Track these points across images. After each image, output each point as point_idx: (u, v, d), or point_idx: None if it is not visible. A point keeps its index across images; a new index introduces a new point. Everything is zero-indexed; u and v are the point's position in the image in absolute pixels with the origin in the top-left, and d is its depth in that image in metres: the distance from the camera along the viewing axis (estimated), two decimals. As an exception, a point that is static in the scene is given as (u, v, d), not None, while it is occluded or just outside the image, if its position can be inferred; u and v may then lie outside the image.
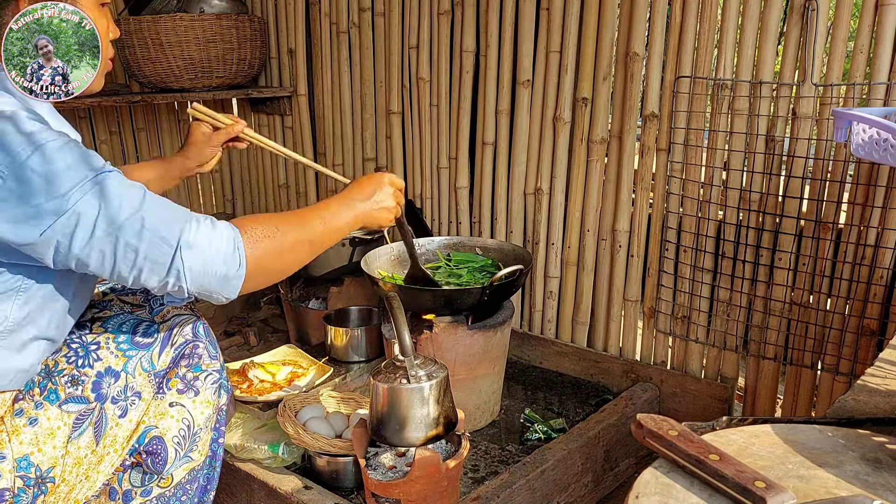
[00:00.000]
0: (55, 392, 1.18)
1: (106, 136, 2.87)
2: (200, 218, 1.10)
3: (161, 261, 1.05)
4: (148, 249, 1.04)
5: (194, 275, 1.07)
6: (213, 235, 1.08)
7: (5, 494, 1.13)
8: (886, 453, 0.83)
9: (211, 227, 1.09)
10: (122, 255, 1.03)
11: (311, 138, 2.98)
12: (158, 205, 1.07)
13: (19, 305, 1.12)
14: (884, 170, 1.65)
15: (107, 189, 1.02)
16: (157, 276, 1.06)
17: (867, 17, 1.64)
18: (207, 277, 1.08)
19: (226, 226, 1.11)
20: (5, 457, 1.13)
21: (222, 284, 1.10)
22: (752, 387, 1.99)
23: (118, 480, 1.27)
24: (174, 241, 1.05)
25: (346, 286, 2.38)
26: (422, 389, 1.40)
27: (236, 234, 1.10)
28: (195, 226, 1.08)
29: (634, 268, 2.13)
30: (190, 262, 1.06)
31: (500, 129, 2.33)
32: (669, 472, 0.80)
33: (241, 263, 1.10)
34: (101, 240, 1.02)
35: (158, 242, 1.04)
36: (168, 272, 1.06)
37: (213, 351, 1.34)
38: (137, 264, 1.04)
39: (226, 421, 1.38)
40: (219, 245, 1.08)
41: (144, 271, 1.05)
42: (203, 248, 1.07)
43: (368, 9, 2.60)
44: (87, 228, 1.01)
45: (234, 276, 1.10)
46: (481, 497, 1.50)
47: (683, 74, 1.90)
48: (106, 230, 1.02)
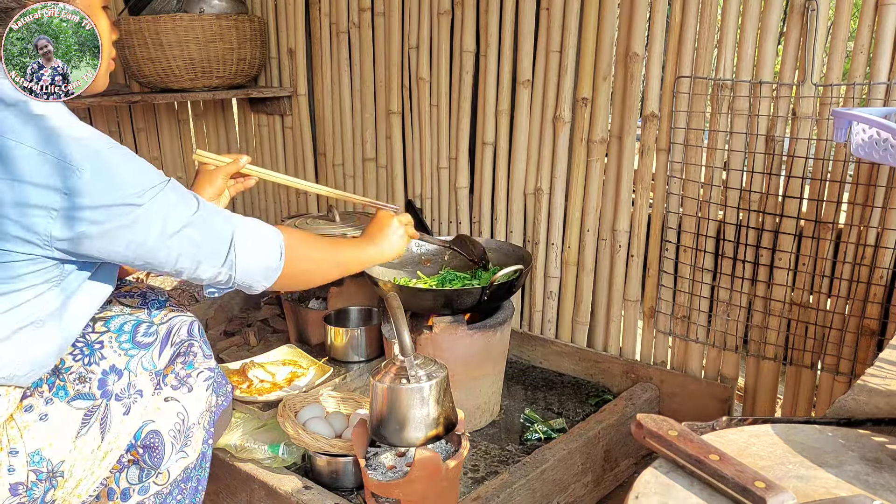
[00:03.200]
0: (64, 388, 1.21)
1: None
2: (247, 218, 1.27)
3: (219, 254, 1.19)
4: (209, 243, 1.18)
5: (244, 265, 1.22)
6: (260, 232, 1.26)
7: (19, 488, 1.15)
8: (886, 453, 0.83)
9: (259, 225, 1.27)
10: (186, 250, 1.15)
11: (311, 138, 2.98)
12: (212, 208, 1.22)
13: (53, 298, 1.15)
14: (884, 170, 1.65)
15: (174, 192, 1.15)
16: (214, 269, 1.20)
17: (867, 17, 1.64)
18: (254, 267, 1.24)
19: (269, 225, 1.29)
20: (18, 452, 1.16)
21: (265, 274, 1.26)
22: (752, 387, 1.99)
23: (115, 480, 1.29)
24: (229, 237, 1.20)
25: (346, 286, 2.38)
26: (422, 389, 1.40)
27: (278, 232, 1.29)
28: (245, 223, 1.24)
29: (634, 268, 2.13)
30: (242, 252, 1.21)
31: (500, 129, 2.33)
32: (669, 472, 0.80)
33: (282, 256, 1.27)
34: (170, 237, 1.13)
35: (217, 239, 1.19)
36: (223, 262, 1.20)
37: (207, 351, 1.40)
38: (198, 257, 1.17)
39: (214, 423, 1.41)
40: (265, 240, 1.26)
41: (203, 264, 1.18)
42: (252, 240, 1.24)
43: (368, 9, 2.60)
44: (158, 226, 1.11)
45: (275, 268, 1.27)
46: (481, 497, 1.50)
47: (683, 74, 1.90)
48: (174, 228, 1.13)
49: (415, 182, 2.62)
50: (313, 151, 2.99)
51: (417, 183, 2.61)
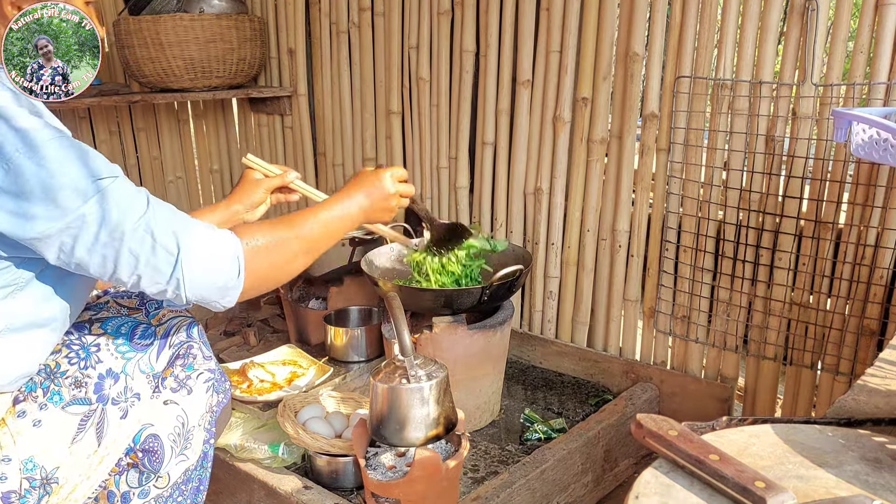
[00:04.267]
0: (59, 394, 1.18)
1: (106, 136, 2.87)
2: (202, 226, 1.10)
3: (162, 269, 1.05)
4: (149, 257, 1.04)
5: (194, 284, 1.07)
6: (214, 245, 1.09)
7: (11, 496, 1.12)
8: (886, 453, 0.83)
9: (212, 237, 1.09)
10: (123, 261, 1.03)
11: (310, 138, 2.97)
12: (162, 213, 1.07)
13: (23, 302, 1.11)
14: (884, 170, 1.65)
15: (113, 195, 1.02)
16: (157, 284, 1.06)
17: (867, 17, 1.64)
18: (206, 287, 1.09)
19: (227, 235, 1.12)
20: (11, 459, 1.13)
21: (221, 294, 1.11)
22: (752, 387, 1.99)
23: (115, 483, 1.27)
24: (175, 251, 1.05)
25: (346, 286, 2.38)
26: (422, 389, 1.40)
27: (237, 244, 1.11)
28: (197, 235, 1.08)
29: (634, 268, 2.13)
30: (190, 271, 1.06)
31: (500, 128, 2.33)
32: (669, 472, 0.80)
33: (241, 273, 1.11)
34: (104, 245, 1.02)
35: (161, 251, 1.04)
36: (168, 280, 1.06)
37: (207, 352, 1.36)
38: (138, 270, 1.05)
39: (215, 422, 1.39)
40: (219, 255, 1.09)
41: (144, 278, 1.05)
42: (204, 258, 1.07)
43: (368, 9, 2.60)
44: (91, 233, 1.01)
45: (233, 287, 1.11)
46: (481, 497, 1.50)
47: (683, 74, 1.90)
48: (110, 235, 1.02)
49: (415, 182, 2.62)
50: (313, 151, 2.99)
51: (417, 183, 2.61)
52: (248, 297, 1.15)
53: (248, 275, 1.12)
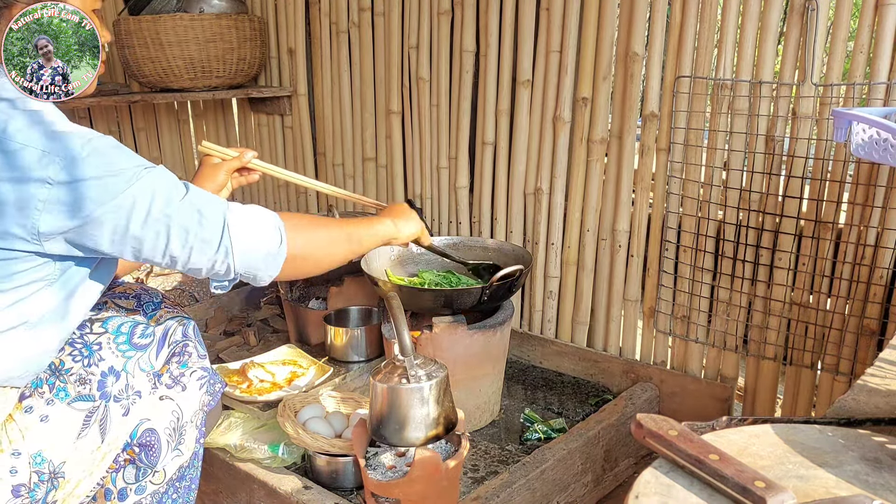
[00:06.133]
0: (64, 390, 1.21)
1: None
2: (242, 205, 1.21)
3: (211, 239, 1.13)
4: (198, 230, 1.12)
5: (241, 251, 1.15)
6: (255, 216, 1.19)
7: (21, 490, 1.15)
8: (886, 453, 0.83)
9: (252, 210, 1.20)
10: (175, 235, 1.10)
11: (310, 138, 2.98)
12: (203, 192, 1.16)
13: (48, 297, 1.14)
14: (884, 170, 1.65)
15: (159, 176, 1.11)
16: (207, 255, 1.14)
17: (867, 17, 1.64)
18: (254, 253, 1.17)
19: (265, 210, 1.22)
20: (21, 453, 1.15)
21: (266, 261, 1.19)
22: (752, 387, 1.99)
23: (112, 480, 1.29)
24: (221, 220, 1.14)
25: (346, 286, 2.38)
26: (422, 389, 1.40)
27: (276, 216, 1.21)
28: (238, 209, 1.18)
29: (634, 268, 2.13)
30: (237, 238, 1.15)
31: (500, 128, 2.33)
32: (669, 472, 0.80)
33: (283, 241, 1.20)
34: (157, 220, 1.08)
35: (207, 223, 1.12)
36: (217, 249, 1.14)
37: (202, 351, 1.40)
38: (189, 243, 1.12)
39: (205, 422, 1.42)
40: (261, 223, 1.19)
41: (195, 250, 1.13)
42: (247, 225, 1.17)
43: (368, 9, 2.60)
44: (143, 210, 1.07)
45: (278, 253, 1.19)
46: (481, 497, 1.50)
47: (683, 74, 1.90)
48: (161, 211, 1.09)
49: (415, 182, 2.62)
50: (313, 151, 2.99)
51: (417, 183, 2.61)
52: (291, 270, 1.23)
53: (291, 242, 1.21)
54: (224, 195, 1.54)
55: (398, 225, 1.53)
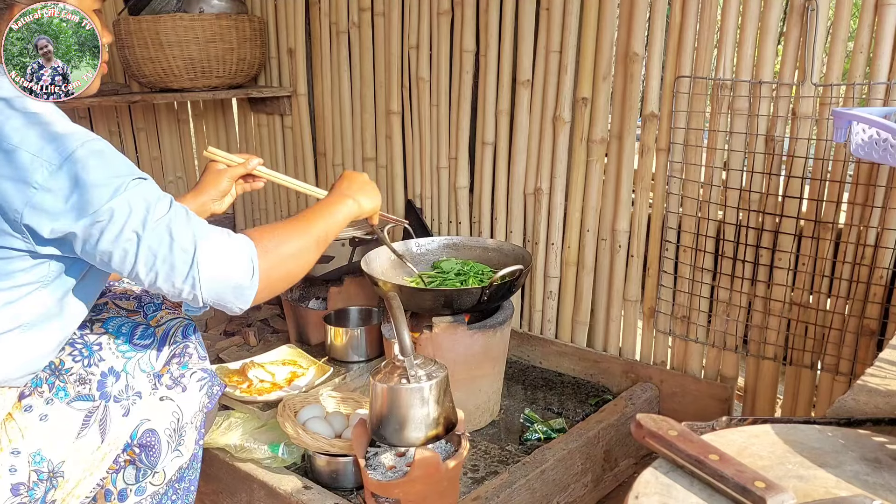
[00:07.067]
0: (64, 390, 1.21)
1: (106, 136, 2.88)
2: (217, 230, 1.14)
3: (178, 267, 1.08)
4: (167, 255, 1.07)
5: (209, 283, 1.10)
6: (228, 247, 1.12)
7: (20, 489, 1.15)
8: (886, 453, 0.83)
9: (227, 239, 1.13)
10: (142, 257, 1.07)
11: (310, 138, 2.97)
12: (182, 215, 1.11)
13: (44, 298, 1.14)
14: (884, 170, 1.65)
15: (140, 193, 1.08)
16: (172, 282, 1.09)
17: (867, 17, 1.64)
18: (222, 287, 1.11)
19: (241, 238, 1.15)
20: (20, 452, 1.16)
21: (236, 294, 1.13)
22: (752, 387, 1.99)
23: (112, 481, 1.29)
24: (192, 250, 1.08)
25: (346, 286, 2.38)
26: (422, 389, 1.40)
27: (251, 246, 1.14)
28: (213, 237, 1.12)
29: (634, 268, 2.13)
30: (206, 269, 1.09)
31: (500, 128, 2.33)
32: (669, 472, 0.80)
33: (255, 273, 1.13)
34: (127, 240, 1.06)
35: (178, 250, 1.08)
36: (185, 279, 1.09)
37: (202, 353, 1.40)
38: (155, 267, 1.08)
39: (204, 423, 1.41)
40: (234, 256, 1.12)
41: (161, 275, 1.08)
42: (219, 258, 1.10)
43: (368, 9, 2.60)
44: (117, 227, 1.05)
45: (248, 287, 1.13)
46: (481, 497, 1.50)
47: (683, 74, 1.90)
48: (133, 230, 1.06)
49: (415, 182, 2.62)
50: (313, 151, 2.99)
51: (417, 183, 2.61)
52: (263, 297, 1.17)
53: (262, 273, 1.15)
54: (227, 202, 1.53)
55: (359, 200, 1.44)
